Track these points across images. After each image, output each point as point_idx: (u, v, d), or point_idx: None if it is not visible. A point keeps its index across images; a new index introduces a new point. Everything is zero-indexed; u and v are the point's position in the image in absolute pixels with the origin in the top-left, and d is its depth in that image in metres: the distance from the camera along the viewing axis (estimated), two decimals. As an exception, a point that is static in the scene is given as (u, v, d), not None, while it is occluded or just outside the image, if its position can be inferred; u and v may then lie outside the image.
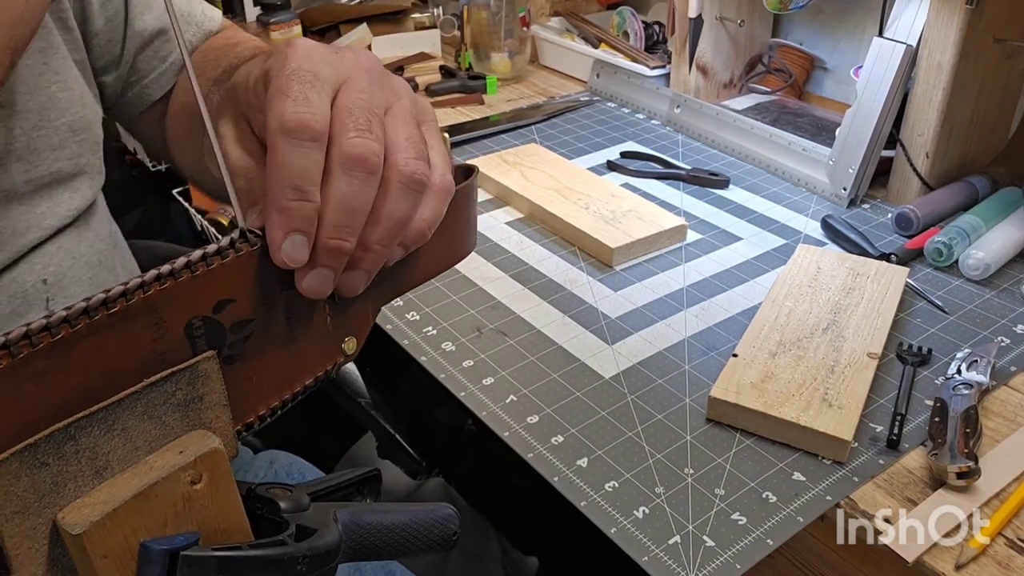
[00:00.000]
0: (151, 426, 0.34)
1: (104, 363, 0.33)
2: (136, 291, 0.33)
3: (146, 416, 0.34)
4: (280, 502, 0.40)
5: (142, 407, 0.34)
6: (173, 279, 0.34)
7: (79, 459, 0.32)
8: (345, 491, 0.45)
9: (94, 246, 0.61)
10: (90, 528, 0.31)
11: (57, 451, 0.31)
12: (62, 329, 0.31)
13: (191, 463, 0.34)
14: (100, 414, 0.32)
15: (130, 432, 0.34)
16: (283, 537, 0.38)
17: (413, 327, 0.80)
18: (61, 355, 0.31)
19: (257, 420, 0.40)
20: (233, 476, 0.36)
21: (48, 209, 0.56)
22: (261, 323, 0.39)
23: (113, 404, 0.33)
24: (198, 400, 0.36)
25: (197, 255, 0.35)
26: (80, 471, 0.32)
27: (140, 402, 0.34)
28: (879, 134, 0.98)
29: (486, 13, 1.40)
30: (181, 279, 0.34)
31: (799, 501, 0.60)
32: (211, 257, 0.35)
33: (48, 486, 0.31)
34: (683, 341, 0.78)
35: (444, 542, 0.44)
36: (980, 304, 0.82)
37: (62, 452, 0.31)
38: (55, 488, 0.32)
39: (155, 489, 0.33)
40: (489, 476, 1.13)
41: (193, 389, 0.36)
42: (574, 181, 1.03)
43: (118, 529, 0.32)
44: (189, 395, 0.36)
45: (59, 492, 0.32)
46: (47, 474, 0.31)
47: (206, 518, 0.35)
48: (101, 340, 0.33)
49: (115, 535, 0.32)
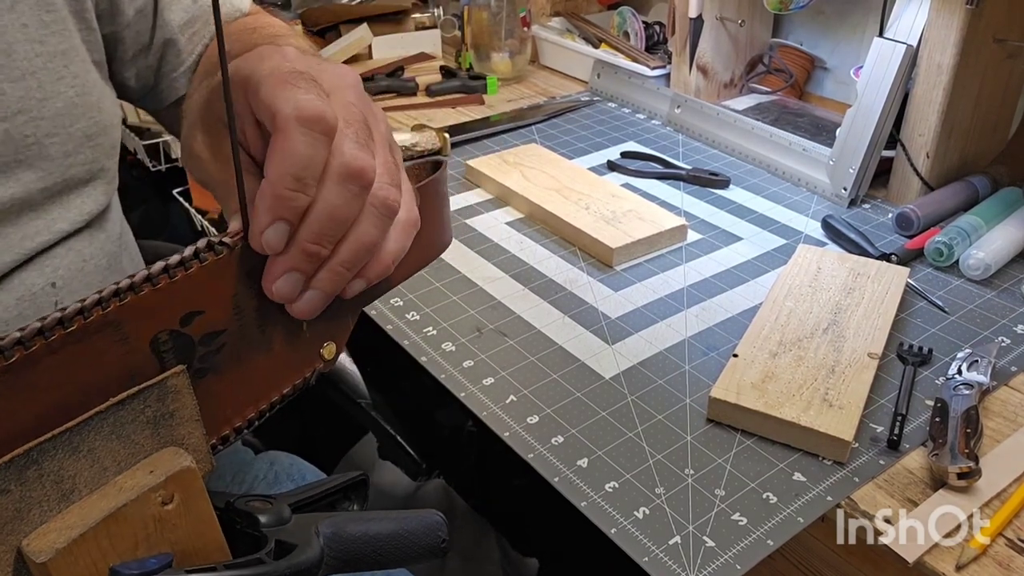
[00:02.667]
0: (119, 446, 0.33)
1: (71, 384, 0.32)
2: (94, 308, 0.32)
3: (114, 436, 0.33)
4: (259, 516, 0.39)
5: (109, 427, 0.33)
6: (133, 293, 0.33)
7: (43, 483, 0.31)
8: (331, 498, 0.44)
9: (104, 248, 0.60)
10: (56, 555, 0.30)
11: (18, 476, 0.30)
12: (15, 352, 0.30)
13: (162, 483, 0.33)
14: (64, 436, 0.31)
15: (97, 453, 0.33)
16: (261, 555, 0.36)
17: (413, 327, 0.80)
18: (18, 377, 0.30)
19: (233, 432, 0.39)
20: (207, 493, 0.35)
21: (60, 214, 0.55)
22: (233, 333, 0.37)
23: (78, 425, 0.32)
24: (168, 416, 0.35)
25: (158, 267, 0.34)
26: (45, 496, 0.31)
27: (107, 421, 0.33)
28: (879, 134, 0.97)
29: (487, 13, 1.40)
30: (142, 293, 0.33)
31: (799, 501, 0.60)
32: (173, 269, 0.34)
33: (11, 513, 0.30)
34: (683, 341, 0.78)
35: (432, 550, 0.43)
36: (981, 304, 0.82)
37: (24, 477, 0.30)
38: (18, 514, 0.30)
39: (124, 511, 0.32)
40: (489, 477, 1.13)
41: (163, 405, 0.35)
42: (574, 181, 1.03)
43: (86, 554, 0.31)
44: (159, 412, 0.34)
45: (23, 518, 0.31)
46: (9, 500, 0.30)
47: (179, 538, 0.34)
48: (62, 359, 0.31)
49: (83, 561, 0.31)
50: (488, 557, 1.07)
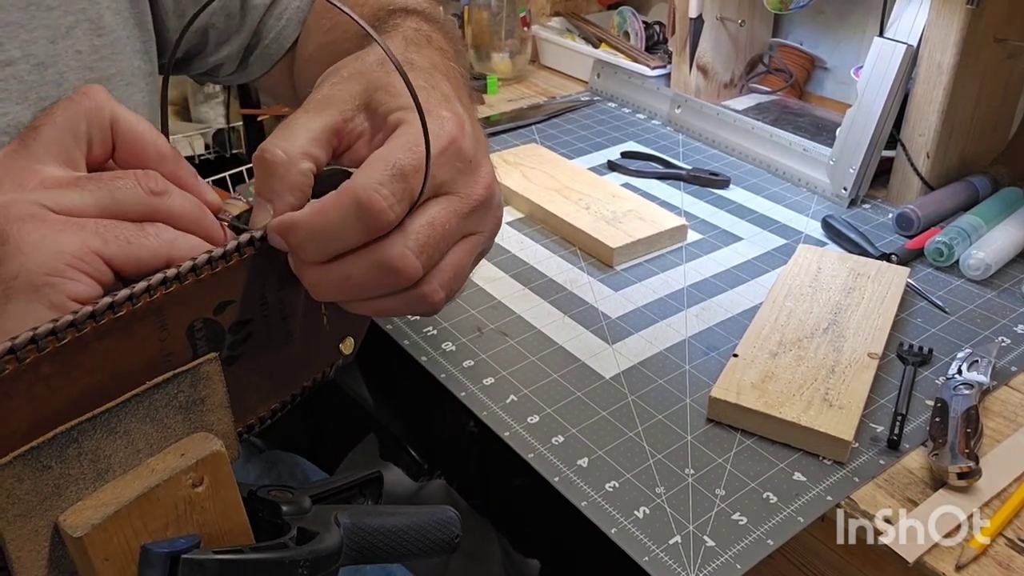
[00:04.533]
0: (153, 428, 0.35)
1: (111, 366, 0.33)
2: (142, 295, 0.33)
3: (148, 419, 0.34)
4: (282, 505, 0.40)
5: (144, 410, 0.34)
6: (179, 283, 0.34)
7: (81, 462, 0.32)
8: (347, 493, 0.46)
9: None
10: (91, 531, 0.31)
11: (59, 454, 0.31)
12: (68, 334, 0.31)
13: (192, 466, 0.34)
14: (102, 417, 0.33)
15: (132, 435, 0.34)
16: (285, 540, 0.38)
17: (413, 327, 0.80)
18: (67, 359, 0.32)
19: (258, 422, 0.41)
20: (235, 478, 0.36)
21: None
22: (259, 324, 0.39)
23: (115, 407, 0.33)
24: (200, 402, 0.36)
25: (203, 259, 0.35)
26: (82, 474, 0.32)
27: (142, 405, 0.34)
28: (880, 134, 0.98)
29: (487, 13, 1.40)
30: (186, 283, 0.35)
31: (800, 501, 0.60)
32: (216, 261, 0.36)
33: (50, 489, 0.31)
34: (684, 341, 0.78)
35: (446, 545, 0.44)
36: (981, 304, 0.82)
37: (64, 455, 0.32)
38: (57, 491, 0.32)
39: (156, 492, 0.33)
40: (491, 478, 1.13)
41: (195, 391, 0.36)
42: (574, 181, 1.03)
43: (119, 532, 0.32)
44: (191, 397, 0.36)
45: (61, 495, 0.32)
46: (49, 477, 0.31)
47: (207, 521, 0.35)
48: (108, 344, 0.33)
49: (116, 538, 0.32)
50: (490, 557, 1.08)
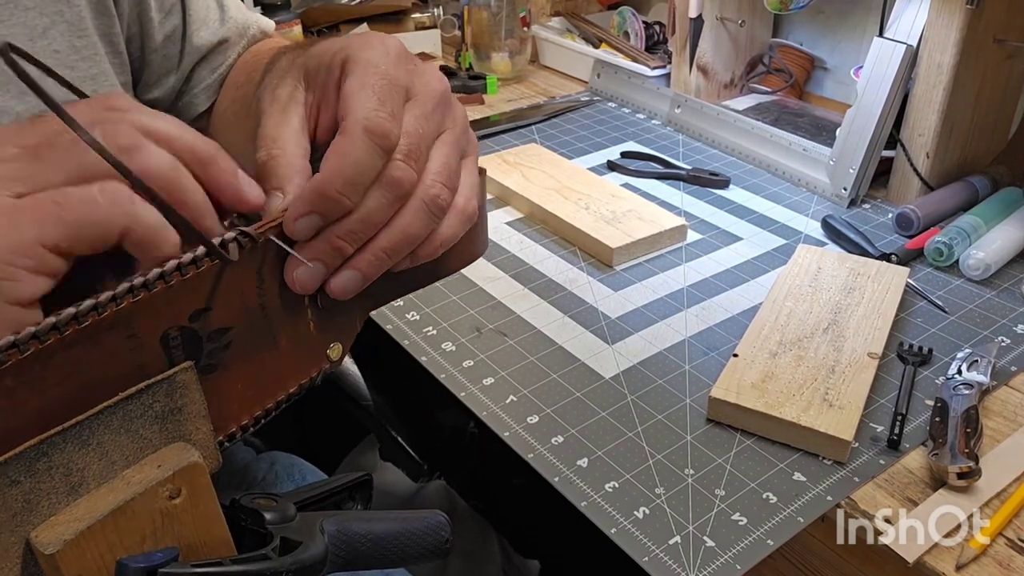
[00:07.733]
0: (128, 440, 0.34)
1: (80, 377, 0.32)
2: (108, 304, 0.32)
3: (123, 430, 0.33)
4: (265, 513, 0.39)
5: (118, 421, 0.33)
6: (147, 291, 0.33)
7: (52, 476, 0.31)
8: (336, 498, 0.45)
9: None
10: (64, 547, 0.30)
11: (28, 468, 0.30)
12: (31, 345, 0.30)
13: (169, 477, 0.34)
14: (74, 429, 0.32)
15: (106, 447, 0.33)
16: (266, 551, 0.37)
17: (413, 327, 0.80)
18: (32, 371, 0.31)
19: (239, 430, 0.39)
20: (214, 489, 0.35)
21: None
22: (241, 330, 0.38)
23: (88, 419, 0.32)
24: (176, 412, 0.35)
25: (171, 266, 0.34)
26: (54, 488, 0.31)
27: (116, 416, 0.33)
28: (879, 134, 0.97)
29: (487, 13, 1.40)
30: (155, 291, 0.33)
31: (799, 501, 0.60)
32: (185, 267, 0.34)
33: (20, 504, 0.30)
34: (683, 341, 0.78)
35: (436, 550, 0.43)
36: (980, 304, 0.82)
37: (34, 469, 0.31)
38: (28, 506, 0.31)
39: (132, 505, 0.32)
40: (490, 478, 1.13)
41: (171, 401, 0.35)
42: (574, 181, 1.03)
43: (94, 547, 0.31)
44: (167, 407, 0.35)
45: (32, 510, 0.31)
46: (19, 492, 0.30)
47: (186, 533, 0.34)
48: (75, 354, 0.32)
49: (90, 553, 0.31)
50: (490, 559, 1.07)
